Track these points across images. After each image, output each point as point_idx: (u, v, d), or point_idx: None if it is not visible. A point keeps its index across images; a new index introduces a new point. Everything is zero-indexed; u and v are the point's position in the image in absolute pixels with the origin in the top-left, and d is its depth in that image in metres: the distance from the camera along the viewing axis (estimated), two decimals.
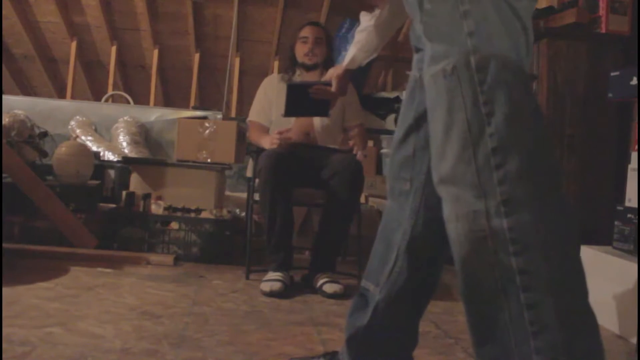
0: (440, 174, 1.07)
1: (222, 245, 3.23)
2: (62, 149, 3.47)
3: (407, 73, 5.17)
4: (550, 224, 0.99)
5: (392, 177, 1.42)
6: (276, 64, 5.93)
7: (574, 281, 0.99)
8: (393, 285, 1.37)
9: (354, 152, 2.85)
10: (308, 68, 3.13)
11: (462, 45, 1.04)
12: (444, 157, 1.05)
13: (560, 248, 0.99)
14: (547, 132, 1.07)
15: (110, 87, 5.90)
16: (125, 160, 3.87)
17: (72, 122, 4.65)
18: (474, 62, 1.03)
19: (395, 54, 5.92)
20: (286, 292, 2.59)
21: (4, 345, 1.68)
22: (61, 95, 6.08)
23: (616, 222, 2.48)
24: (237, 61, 5.95)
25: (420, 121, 1.35)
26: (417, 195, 1.36)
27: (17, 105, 4.38)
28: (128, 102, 5.74)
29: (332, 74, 2.03)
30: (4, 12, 5.37)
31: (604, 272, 2.40)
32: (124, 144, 4.51)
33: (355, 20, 5.13)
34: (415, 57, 1.43)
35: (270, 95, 3.17)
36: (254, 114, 3.18)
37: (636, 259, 2.28)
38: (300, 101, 2.44)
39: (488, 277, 1.00)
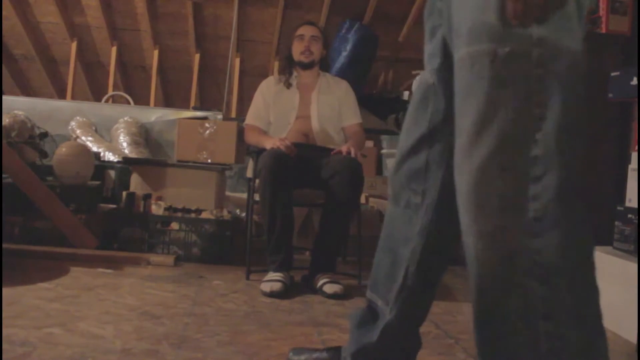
0: (464, 176, 0.94)
1: (223, 246, 3.23)
2: (63, 150, 3.47)
3: (413, 73, 5.12)
4: (578, 249, 0.90)
5: (399, 185, 1.30)
6: (276, 64, 5.92)
7: (593, 309, 0.91)
8: (404, 305, 1.30)
9: (344, 153, 2.85)
10: (304, 66, 3.15)
11: (526, 31, 0.89)
12: (471, 155, 0.92)
13: (584, 275, 0.91)
14: (588, 149, 0.94)
15: (110, 88, 5.90)
16: (126, 160, 3.87)
17: (73, 123, 4.65)
18: (536, 53, 0.89)
19: (395, 54, 5.91)
20: (286, 292, 2.59)
21: (4, 346, 1.68)
22: (61, 95, 6.08)
23: (616, 223, 2.48)
24: (237, 61, 5.95)
25: (435, 133, 1.22)
26: (429, 211, 1.25)
27: (18, 105, 4.38)
28: (128, 103, 5.74)
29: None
30: (4, 12, 5.37)
31: (604, 273, 2.39)
32: (124, 144, 4.51)
33: (355, 21, 5.14)
34: (429, 49, 1.23)
35: (267, 98, 3.17)
36: (252, 118, 3.18)
37: (636, 259, 2.28)
38: None
39: (507, 300, 0.91)
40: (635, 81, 2.49)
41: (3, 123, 3.47)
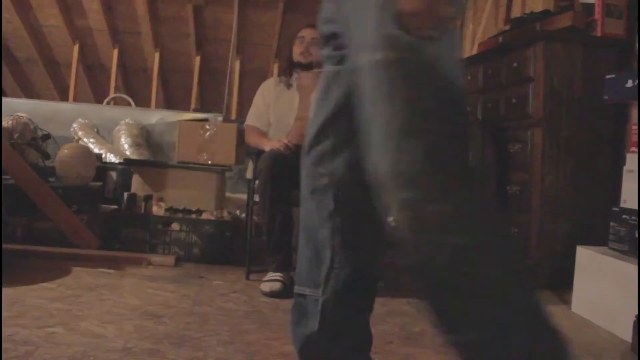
0: (380, 168, 1.02)
1: (223, 246, 3.26)
2: (65, 151, 3.50)
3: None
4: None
5: (308, 176, 1.33)
6: (276, 66, 5.96)
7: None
8: (337, 282, 1.29)
9: None
10: (303, 67, 3.18)
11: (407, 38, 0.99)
12: (384, 149, 1.00)
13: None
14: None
15: (112, 90, 5.93)
16: (127, 162, 3.90)
17: (75, 125, 4.68)
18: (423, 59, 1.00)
19: None
20: (286, 292, 2.61)
21: (7, 345, 1.70)
22: (63, 97, 6.11)
23: (612, 223, 2.51)
24: (237, 64, 5.98)
25: (338, 114, 1.28)
26: (338, 187, 1.28)
27: (20, 107, 4.41)
28: (129, 105, 5.77)
29: None
30: (7, 15, 5.41)
31: (599, 272, 2.43)
32: (126, 146, 4.54)
33: None
34: (327, 51, 1.32)
35: (267, 99, 3.21)
36: (252, 118, 3.22)
37: (632, 259, 2.30)
38: None
39: (437, 258, 0.99)
40: (630, 84, 2.51)
41: (6, 125, 3.51)
